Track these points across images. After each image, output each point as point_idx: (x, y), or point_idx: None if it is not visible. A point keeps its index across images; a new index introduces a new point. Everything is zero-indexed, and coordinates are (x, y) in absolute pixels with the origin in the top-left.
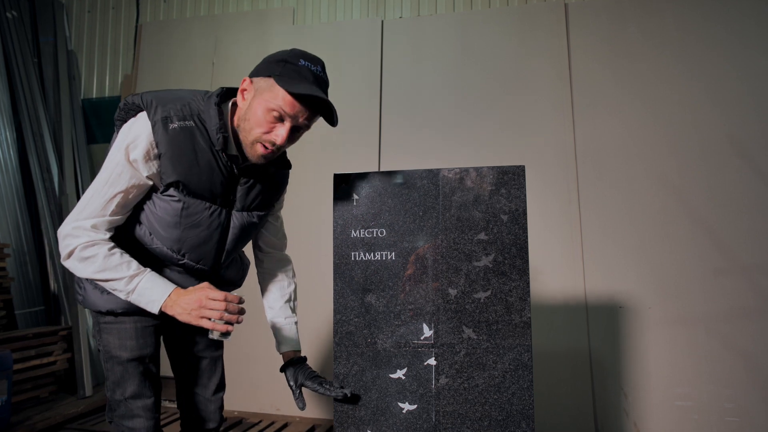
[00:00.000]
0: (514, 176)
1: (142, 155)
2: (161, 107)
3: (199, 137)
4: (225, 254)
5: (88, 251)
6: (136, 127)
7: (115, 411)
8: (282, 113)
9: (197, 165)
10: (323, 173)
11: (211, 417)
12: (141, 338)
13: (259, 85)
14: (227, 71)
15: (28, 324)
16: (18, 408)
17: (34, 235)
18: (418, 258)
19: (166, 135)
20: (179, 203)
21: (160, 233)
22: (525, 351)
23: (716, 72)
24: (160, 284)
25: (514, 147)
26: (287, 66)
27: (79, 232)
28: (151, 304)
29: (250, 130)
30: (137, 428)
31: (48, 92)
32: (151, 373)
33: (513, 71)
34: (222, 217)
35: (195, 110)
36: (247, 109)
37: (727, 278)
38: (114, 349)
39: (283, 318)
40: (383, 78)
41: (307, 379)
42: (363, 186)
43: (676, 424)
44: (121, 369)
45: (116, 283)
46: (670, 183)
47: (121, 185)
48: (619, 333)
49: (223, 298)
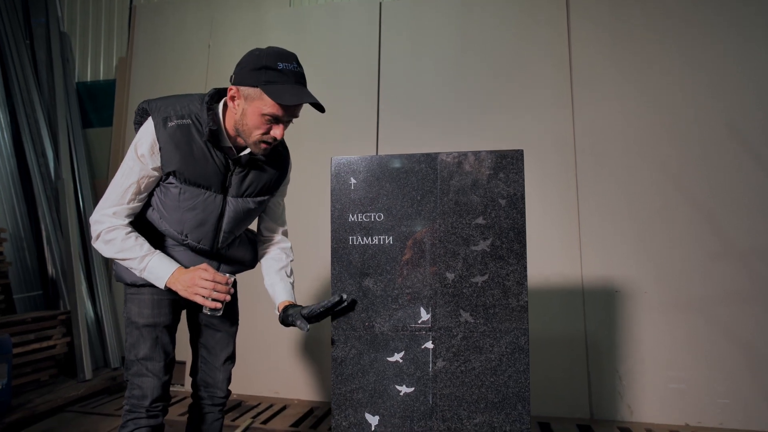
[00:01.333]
0: (513, 160)
1: (147, 150)
2: (163, 109)
3: (195, 133)
4: (222, 235)
5: (110, 235)
6: (143, 128)
7: (129, 369)
8: (275, 116)
9: (192, 156)
10: (321, 158)
11: (219, 386)
12: (156, 308)
13: (248, 93)
14: (223, 54)
15: (26, 308)
16: (19, 391)
17: (31, 220)
18: (416, 242)
19: (165, 132)
20: (177, 189)
21: (167, 216)
22: (522, 334)
23: (716, 60)
24: (166, 263)
25: (513, 133)
26: (269, 73)
27: (104, 219)
28: (158, 280)
29: (250, 134)
30: (144, 386)
31: (41, 75)
32: (163, 341)
33: (513, 57)
34: (218, 202)
35: (193, 110)
36: (242, 116)
37: (723, 263)
38: (133, 315)
39: (279, 279)
40: (381, 62)
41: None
42: (360, 170)
43: (669, 406)
44: (137, 333)
45: (131, 262)
46: (668, 169)
47: (134, 177)
48: (615, 317)
49: (212, 278)
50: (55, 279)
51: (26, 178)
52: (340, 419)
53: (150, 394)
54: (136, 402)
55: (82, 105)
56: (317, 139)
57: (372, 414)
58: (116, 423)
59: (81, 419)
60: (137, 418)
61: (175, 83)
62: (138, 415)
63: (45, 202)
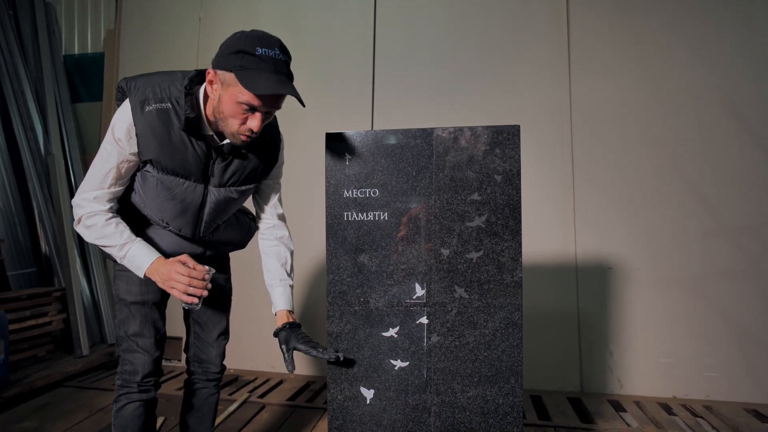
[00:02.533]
0: (509, 136)
1: (124, 135)
2: (142, 90)
3: (174, 118)
4: (204, 225)
5: (90, 220)
6: (120, 110)
7: (120, 345)
8: (251, 106)
9: (170, 144)
10: (315, 133)
11: (213, 361)
12: (144, 285)
13: (224, 78)
14: (215, 27)
15: (20, 285)
16: (16, 367)
17: (22, 196)
18: (411, 219)
19: (142, 117)
20: (154, 178)
21: (147, 202)
22: (515, 310)
23: (712, 36)
24: (145, 253)
25: (509, 108)
26: (245, 58)
27: (84, 203)
28: (137, 270)
29: (226, 122)
30: (135, 362)
31: (27, 47)
32: (152, 318)
33: (509, 32)
34: (198, 192)
35: (174, 93)
36: (219, 102)
37: (715, 241)
38: (122, 292)
39: (278, 280)
40: (376, 35)
41: (300, 343)
42: (356, 145)
43: (658, 379)
44: (126, 310)
45: (111, 249)
46: (664, 146)
47: (112, 161)
48: (608, 293)
49: (187, 273)
50: (48, 256)
51: (15, 154)
52: (336, 393)
53: (141, 370)
54: (128, 377)
55: (70, 79)
56: (311, 114)
57: (367, 388)
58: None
59: (79, 394)
60: (129, 393)
61: (166, 57)
62: (130, 389)
63: (36, 178)
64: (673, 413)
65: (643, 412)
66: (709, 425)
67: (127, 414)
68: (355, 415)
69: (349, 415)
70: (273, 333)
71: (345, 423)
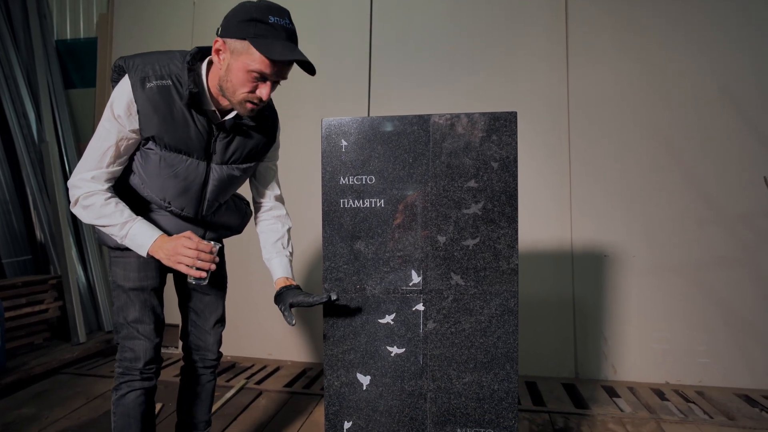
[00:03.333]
0: (506, 123)
1: (124, 111)
2: (141, 68)
3: (175, 94)
4: (206, 203)
5: (88, 200)
6: (119, 87)
7: (119, 332)
8: (263, 74)
9: (172, 120)
10: (312, 119)
11: (210, 348)
12: (143, 271)
13: (234, 47)
14: (209, 10)
15: (15, 273)
16: (13, 354)
17: (16, 184)
18: (407, 206)
19: (143, 93)
20: (157, 155)
21: (148, 182)
22: (511, 297)
23: (710, 25)
24: (147, 231)
25: (507, 96)
26: (258, 26)
27: (81, 183)
28: (139, 248)
29: (234, 91)
30: (136, 348)
31: (18, 33)
32: (151, 304)
33: (507, 18)
34: (200, 170)
35: (174, 70)
36: (227, 71)
37: (711, 228)
38: (120, 279)
39: (275, 253)
40: (373, 22)
41: (294, 298)
42: (352, 132)
43: (651, 365)
44: (125, 296)
45: (111, 229)
46: (661, 134)
47: (111, 139)
48: (603, 280)
49: (194, 246)
50: (44, 243)
51: (8, 141)
52: (332, 379)
53: (143, 356)
54: (129, 365)
55: (63, 64)
56: (308, 100)
57: (363, 374)
58: (112, 384)
59: (76, 381)
60: (131, 380)
61: (160, 42)
62: (131, 377)
63: (29, 166)
64: (666, 398)
65: (636, 397)
66: (701, 410)
67: (129, 402)
68: (352, 401)
69: (346, 401)
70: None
71: (341, 409)
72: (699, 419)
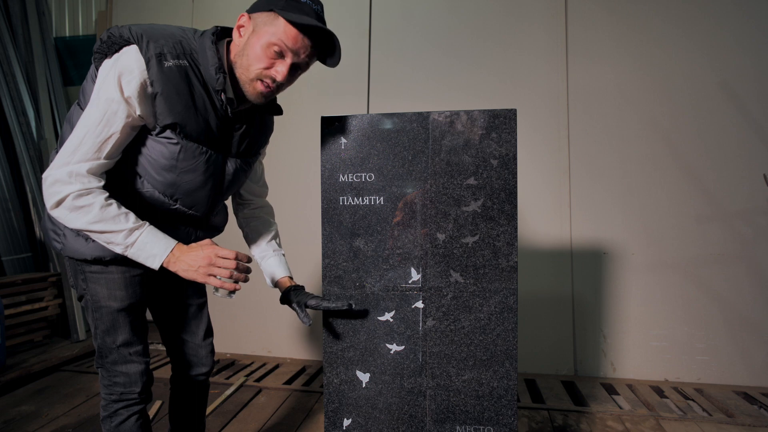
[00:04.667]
0: (506, 120)
1: (136, 92)
2: (153, 42)
3: (194, 78)
4: (218, 201)
5: (83, 200)
6: (126, 62)
7: (106, 358)
8: (283, 48)
9: (194, 107)
10: (311, 116)
11: (204, 362)
12: (130, 287)
13: (259, 20)
14: (208, 8)
15: (15, 270)
16: (13, 351)
17: (15, 181)
18: (407, 204)
19: (161, 73)
20: (176, 146)
21: (154, 177)
22: (510, 294)
23: (709, 20)
24: (161, 239)
25: (506, 93)
26: (290, 1)
27: (73, 179)
28: (151, 259)
29: (248, 67)
30: (131, 372)
31: (16, 30)
32: (140, 321)
33: (506, 15)
34: (218, 163)
35: (188, 49)
36: (245, 45)
37: (709, 225)
38: (103, 299)
39: (272, 251)
40: (372, 19)
41: (310, 299)
42: (351, 129)
43: (650, 363)
44: (111, 318)
45: (113, 236)
46: (660, 130)
47: (117, 124)
48: (602, 278)
49: (234, 256)
50: (43, 241)
51: (7, 138)
52: (332, 377)
53: (140, 379)
54: (124, 390)
55: (61, 62)
56: (306, 97)
57: (363, 371)
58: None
59: (76, 378)
60: (129, 405)
61: None
62: (129, 402)
63: (28, 163)
64: (665, 396)
65: (635, 394)
66: (700, 407)
67: (130, 427)
68: (351, 399)
69: (345, 398)
70: (280, 300)
71: (341, 406)
72: (698, 416)
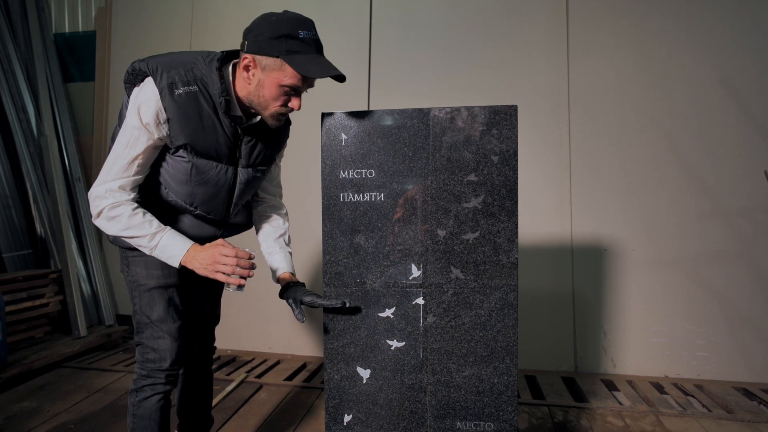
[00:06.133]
0: (506, 116)
1: (153, 119)
2: (166, 73)
3: (203, 101)
4: (233, 206)
5: (115, 211)
6: (144, 93)
7: (142, 333)
8: (295, 88)
9: (202, 128)
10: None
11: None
12: (165, 268)
13: (266, 63)
14: (208, 4)
15: (16, 267)
16: (14, 348)
17: (16, 178)
18: (407, 200)
19: (172, 101)
20: (188, 164)
21: (174, 188)
22: (511, 291)
23: (710, 17)
24: (179, 241)
25: (506, 90)
26: (290, 42)
27: (107, 194)
28: (171, 259)
29: (267, 107)
30: (160, 348)
31: (16, 26)
32: (174, 302)
33: (508, 11)
34: (229, 175)
35: (198, 75)
36: (258, 86)
37: (710, 222)
38: (141, 278)
39: (278, 248)
40: (372, 16)
41: (305, 296)
42: (352, 125)
43: (650, 359)
44: (148, 296)
45: (140, 240)
46: (661, 127)
47: (140, 147)
48: (603, 275)
49: (234, 254)
50: (44, 237)
51: (7, 135)
52: (333, 373)
53: (169, 356)
54: (154, 366)
55: (61, 58)
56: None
57: (363, 368)
58: (113, 377)
59: (78, 374)
60: (155, 384)
61: (159, 35)
62: (156, 380)
63: (29, 160)
64: (665, 392)
65: (635, 391)
66: (700, 403)
67: (151, 405)
68: (352, 395)
69: (346, 394)
70: (279, 294)
71: (342, 402)
72: (698, 412)
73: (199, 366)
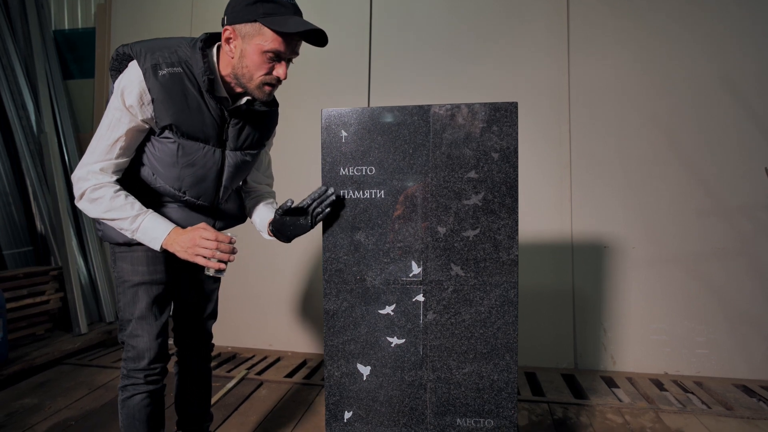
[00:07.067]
0: (507, 113)
1: (136, 100)
2: (150, 55)
3: (188, 82)
4: (222, 190)
5: (96, 193)
6: (128, 75)
7: (124, 330)
8: (277, 53)
9: (188, 108)
10: (312, 110)
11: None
12: (152, 265)
13: (245, 31)
14: (207, 3)
15: (16, 264)
16: (15, 345)
17: (16, 175)
18: (408, 197)
19: (156, 81)
20: (174, 144)
21: (162, 172)
22: (511, 288)
23: (711, 14)
24: (161, 223)
25: (507, 87)
26: (265, 5)
27: (89, 176)
28: (153, 242)
29: (251, 77)
30: (138, 347)
31: (15, 23)
32: (159, 299)
33: (508, 10)
34: (217, 157)
35: (183, 57)
36: (241, 57)
37: (710, 220)
38: (126, 274)
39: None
40: (372, 13)
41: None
42: (352, 122)
43: (650, 356)
44: (131, 292)
45: (122, 222)
46: (661, 125)
47: (121, 129)
48: (603, 272)
49: (214, 237)
50: (44, 235)
51: (7, 132)
52: (333, 370)
53: (147, 355)
54: (132, 365)
55: (61, 55)
56: (307, 91)
57: (364, 364)
58: (114, 374)
59: (78, 371)
60: (136, 384)
61: (158, 32)
62: (135, 379)
63: (29, 157)
64: (665, 389)
65: (635, 388)
66: (699, 400)
67: (134, 404)
68: (352, 392)
69: (346, 391)
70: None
71: (342, 399)
72: (697, 409)
73: (195, 362)
